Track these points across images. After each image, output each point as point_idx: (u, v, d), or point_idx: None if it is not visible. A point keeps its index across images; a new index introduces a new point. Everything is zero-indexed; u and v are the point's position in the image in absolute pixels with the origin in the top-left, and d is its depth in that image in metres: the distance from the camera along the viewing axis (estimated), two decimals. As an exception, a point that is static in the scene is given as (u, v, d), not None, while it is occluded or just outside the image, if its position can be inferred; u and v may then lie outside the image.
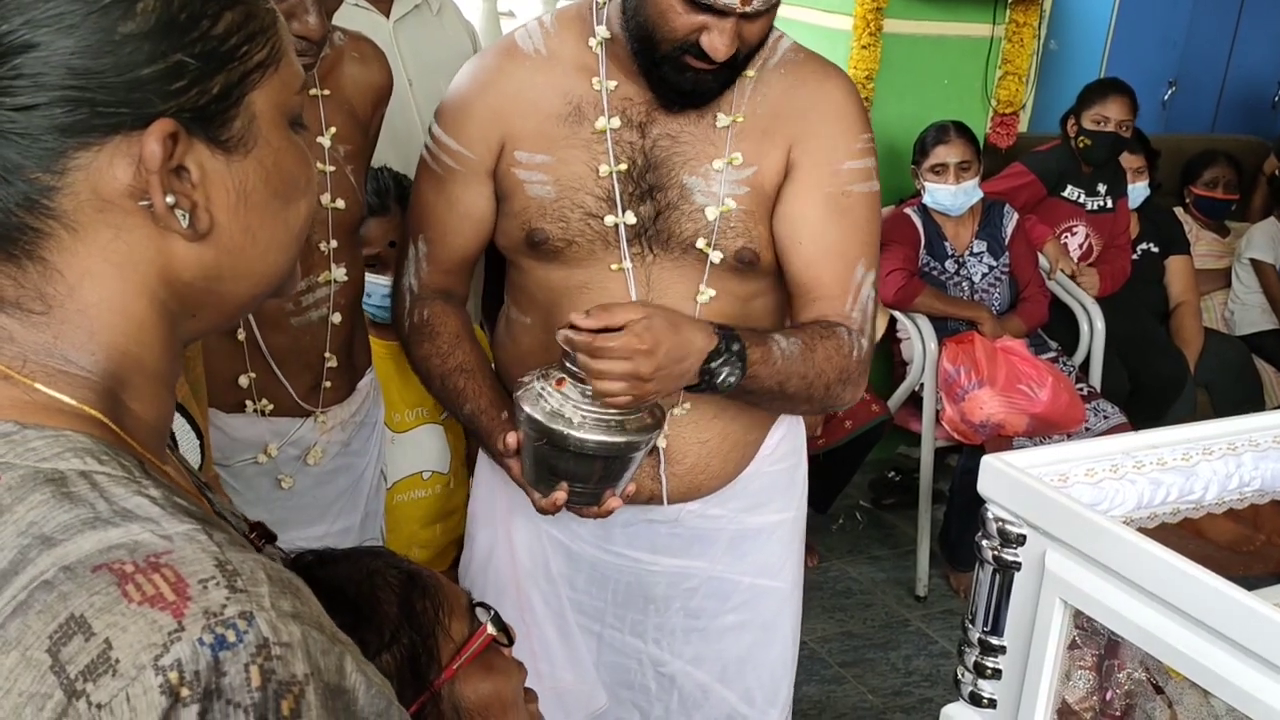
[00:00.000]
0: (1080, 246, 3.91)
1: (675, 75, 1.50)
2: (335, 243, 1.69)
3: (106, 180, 0.66)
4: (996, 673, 1.19)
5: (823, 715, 2.89)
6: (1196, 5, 4.92)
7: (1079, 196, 3.88)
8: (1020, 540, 1.14)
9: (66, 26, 0.63)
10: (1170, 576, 0.99)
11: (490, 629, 1.03)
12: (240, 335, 1.65)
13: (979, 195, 3.54)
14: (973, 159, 3.50)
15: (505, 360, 1.73)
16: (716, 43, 1.44)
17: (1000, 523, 1.15)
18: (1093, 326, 3.69)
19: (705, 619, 1.76)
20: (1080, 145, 3.81)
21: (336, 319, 1.72)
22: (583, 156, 1.56)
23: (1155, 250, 4.13)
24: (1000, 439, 3.24)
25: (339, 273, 1.71)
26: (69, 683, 0.56)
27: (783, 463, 1.77)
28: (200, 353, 1.39)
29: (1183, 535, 1.24)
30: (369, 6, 2.32)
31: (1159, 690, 1.07)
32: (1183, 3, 4.90)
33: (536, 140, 1.57)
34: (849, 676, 3.05)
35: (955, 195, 3.47)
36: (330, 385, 1.76)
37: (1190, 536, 1.25)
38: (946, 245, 3.54)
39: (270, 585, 0.60)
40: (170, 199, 0.67)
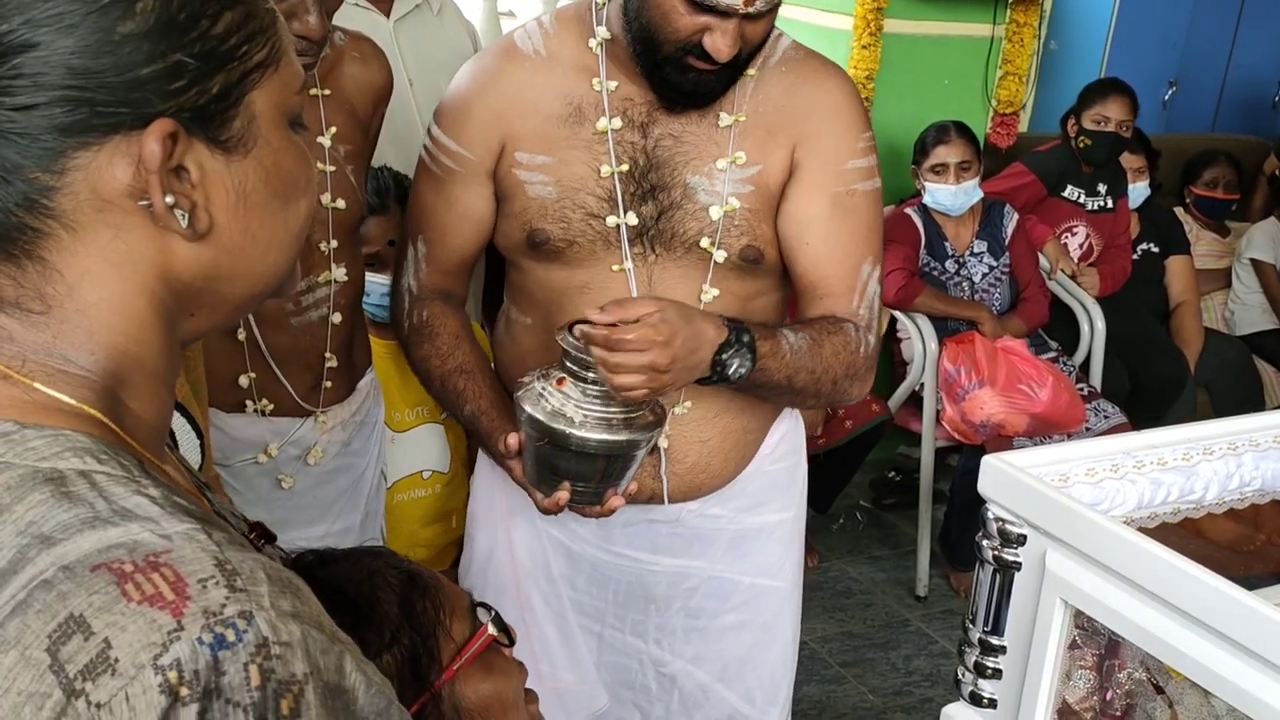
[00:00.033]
0: (1080, 246, 3.90)
1: (678, 76, 1.50)
2: (335, 243, 1.69)
3: (106, 180, 0.66)
4: (997, 673, 1.19)
5: (823, 715, 2.89)
6: (1196, 5, 4.92)
7: (1079, 196, 3.87)
8: (1020, 540, 1.14)
9: (66, 26, 0.63)
10: (1171, 576, 0.99)
11: (491, 629, 1.02)
12: (240, 335, 1.65)
13: (979, 195, 3.54)
14: (973, 159, 3.49)
15: (505, 360, 1.73)
16: (719, 43, 1.44)
17: (1000, 523, 1.15)
18: (1093, 326, 3.69)
19: (705, 619, 1.76)
20: (1080, 145, 3.81)
21: (337, 319, 1.72)
22: (584, 157, 1.56)
23: (1155, 250, 4.13)
24: (1000, 439, 3.24)
25: (339, 273, 1.71)
26: (68, 682, 0.56)
27: (782, 462, 1.77)
28: (200, 353, 1.39)
29: (1183, 535, 1.24)
30: (369, 6, 2.33)
31: (1159, 690, 1.07)
32: (1183, 3, 4.89)
33: (537, 141, 1.57)
34: (849, 676, 3.05)
35: (955, 195, 3.47)
36: (330, 385, 1.76)
37: (1191, 536, 1.25)
38: (947, 245, 3.54)
39: (270, 584, 0.60)
40: (170, 199, 0.67)
